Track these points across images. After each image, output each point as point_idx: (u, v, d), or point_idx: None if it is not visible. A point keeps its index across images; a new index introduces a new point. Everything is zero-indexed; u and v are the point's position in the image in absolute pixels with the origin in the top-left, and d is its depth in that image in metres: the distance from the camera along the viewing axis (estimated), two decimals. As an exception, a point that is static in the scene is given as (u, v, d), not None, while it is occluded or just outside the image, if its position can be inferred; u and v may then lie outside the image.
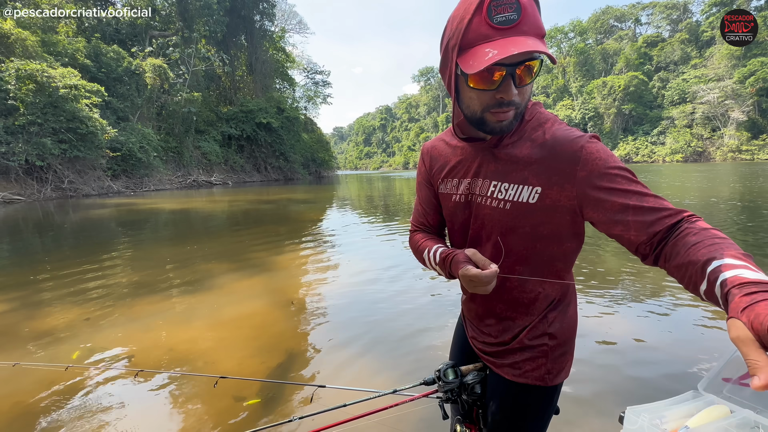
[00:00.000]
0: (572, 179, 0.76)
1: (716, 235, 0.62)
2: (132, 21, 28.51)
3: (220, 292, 3.95)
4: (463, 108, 0.80)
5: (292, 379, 2.31)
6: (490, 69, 0.69)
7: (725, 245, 0.58)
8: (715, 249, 0.57)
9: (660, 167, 40.51)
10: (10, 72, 15.65)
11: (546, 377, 0.89)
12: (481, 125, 0.78)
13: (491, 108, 0.74)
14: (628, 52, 70.31)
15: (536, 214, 0.80)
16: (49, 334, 3.01)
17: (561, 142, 0.77)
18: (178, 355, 2.63)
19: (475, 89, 0.73)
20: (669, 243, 0.67)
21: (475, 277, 0.75)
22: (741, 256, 0.55)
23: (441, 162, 0.97)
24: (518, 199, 0.80)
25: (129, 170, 22.12)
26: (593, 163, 0.74)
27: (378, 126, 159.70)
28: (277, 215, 10.63)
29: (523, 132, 0.82)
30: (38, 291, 4.12)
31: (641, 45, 69.66)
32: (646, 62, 68.16)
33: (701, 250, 0.59)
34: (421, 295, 3.66)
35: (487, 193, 0.85)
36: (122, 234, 8.03)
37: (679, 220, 0.69)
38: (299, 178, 38.96)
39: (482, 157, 0.86)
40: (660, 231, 0.68)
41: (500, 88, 0.71)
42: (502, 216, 0.84)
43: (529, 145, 0.80)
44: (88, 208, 13.20)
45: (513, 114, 0.75)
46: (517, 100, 0.73)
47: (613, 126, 67.43)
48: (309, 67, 51.48)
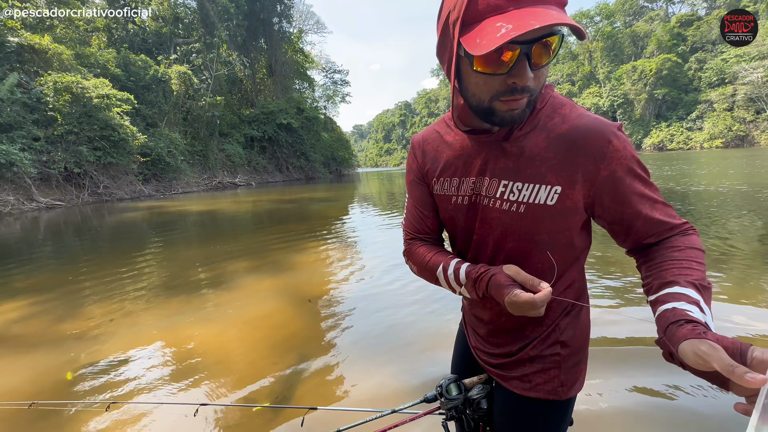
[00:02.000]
0: (594, 178, 0.67)
1: (696, 257, 0.65)
2: (158, 30, 29.67)
3: (242, 293, 4.02)
4: (467, 96, 0.67)
5: (289, 390, 2.25)
6: (499, 49, 0.56)
7: (695, 272, 0.62)
8: (684, 275, 0.62)
9: (698, 154, 38.05)
10: (49, 85, 16.64)
11: (559, 390, 0.80)
12: (489, 116, 0.66)
13: (502, 95, 0.62)
14: (660, 33, 66.32)
15: (555, 218, 0.70)
16: (77, 335, 3.15)
17: (584, 133, 0.66)
18: (194, 352, 2.70)
19: (482, 74, 0.61)
20: (651, 249, 0.72)
21: (528, 303, 0.64)
22: (698, 286, 0.60)
23: (435, 158, 0.85)
24: (535, 201, 0.69)
25: (158, 174, 23.07)
26: (618, 162, 0.65)
27: (397, 122, 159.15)
28: (299, 214, 10.77)
29: (536, 121, 0.70)
30: (75, 291, 4.34)
31: (674, 25, 65.47)
32: (680, 43, 64.04)
33: (672, 269, 0.64)
34: (437, 299, 3.58)
35: (495, 194, 0.74)
36: (154, 235, 8.37)
37: (674, 234, 0.71)
38: (320, 177, 39.40)
39: (488, 152, 0.74)
40: (652, 242, 0.72)
41: (513, 72, 0.59)
42: (514, 221, 0.72)
43: (545, 137, 0.68)
44: (122, 211, 13.87)
45: (526, 101, 0.63)
46: (532, 85, 0.61)
47: (645, 112, 63.97)
48: (327, 67, 51.88)
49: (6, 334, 3.25)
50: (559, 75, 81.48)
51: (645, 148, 62.62)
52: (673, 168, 19.00)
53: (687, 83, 60.99)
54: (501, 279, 0.69)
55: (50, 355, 2.83)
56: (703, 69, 58.82)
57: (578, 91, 75.19)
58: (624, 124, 55.45)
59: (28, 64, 17.82)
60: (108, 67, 22.03)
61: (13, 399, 2.20)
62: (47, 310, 3.79)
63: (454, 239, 0.89)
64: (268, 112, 35.04)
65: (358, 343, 2.78)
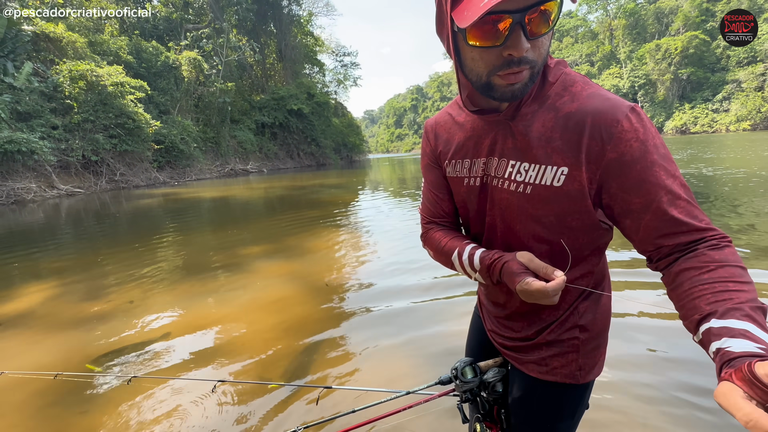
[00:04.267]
0: (599, 160, 0.62)
1: (732, 275, 0.53)
2: (168, 16, 29.59)
3: (257, 276, 4.10)
4: (466, 72, 0.66)
5: (305, 371, 2.29)
6: (491, 20, 0.55)
7: (736, 292, 0.51)
8: (721, 301, 0.51)
9: (723, 137, 36.48)
10: (64, 73, 16.88)
11: (577, 374, 0.78)
12: (489, 91, 0.64)
13: (499, 69, 0.60)
14: (687, 9, 62.81)
15: (562, 200, 0.67)
16: (99, 315, 3.27)
17: (592, 112, 0.62)
18: (211, 334, 2.77)
19: (477, 47, 0.59)
20: (676, 264, 0.59)
21: (540, 292, 0.63)
22: (747, 311, 0.49)
23: (447, 140, 0.83)
24: (541, 182, 0.67)
25: (172, 161, 23.38)
26: (627, 144, 0.60)
27: (409, 107, 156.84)
28: (311, 200, 10.82)
29: (545, 98, 0.67)
30: (96, 274, 4.49)
31: (703, 0, 61.92)
32: (709, 19, 60.61)
33: (706, 296, 0.53)
34: (452, 283, 3.57)
35: (504, 174, 0.72)
36: (170, 221, 8.56)
37: (697, 240, 0.58)
38: (331, 163, 39.36)
39: (497, 132, 0.72)
40: (668, 245, 0.60)
41: (507, 43, 0.57)
42: (522, 202, 0.71)
43: (553, 116, 0.65)
44: (139, 198, 14.18)
45: (528, 74, 0.61)
46: (530, 56, 0.59)
47: (668, 94, 61.32)
48: (337, 50, 51.11)
49: (33, 315, 3.39)
50: (577, 55, 78.44)
51: (667, 131, 60.31)
52: (696, 151, 18.26)
53: (714, 62, 58.00)
54: (513, 266, 0.68)
55: (74, 335, 2.95)
56: (732, 47, 55.70)
57: (597, 72, 72.37)
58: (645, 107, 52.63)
59: (44, 52, 18.07)
60: (120, 54, 22.16)
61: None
62: (71, 292, 3.94)
63: (467, 224, 0.87)
64: (279, 98, 34.90)
65: (372, 326, 2.80)
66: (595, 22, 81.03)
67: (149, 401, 2.06)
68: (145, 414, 1.97)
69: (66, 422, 1.96)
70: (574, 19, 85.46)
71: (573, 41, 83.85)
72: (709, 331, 0.50)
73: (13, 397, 2.18)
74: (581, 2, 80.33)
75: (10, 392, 2.22)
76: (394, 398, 0.93)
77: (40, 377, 2.13)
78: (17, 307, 3.59)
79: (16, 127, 15.11)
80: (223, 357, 2.47)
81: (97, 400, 2.12)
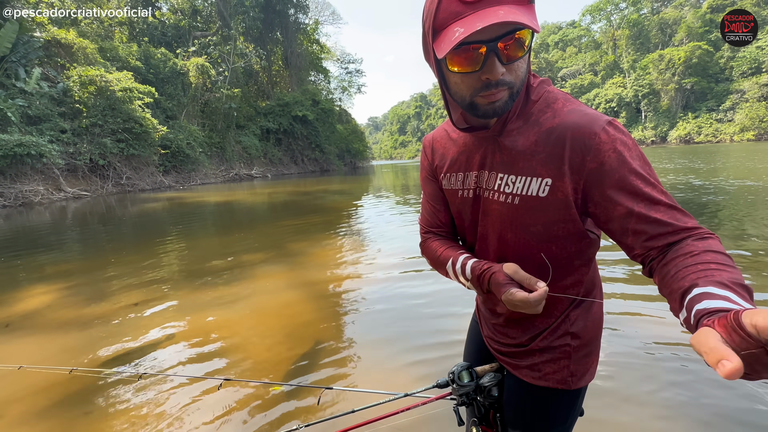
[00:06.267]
0: (581, 170, 0.67)
1: (715, 259, 0.55)
2: (176, 23, 30.11)
3: (260, 281, 4.14)
4: (452, 95, 0.72)
5: (306, 374, 2.33)
6: (469, 48, 0.61)
7: (718, 271, 0.52)
8: (703, 275, 0.52)
9: (727, 147, 36.37)
10: (74, 78, 17.19)
11: (569, 380, 0.82)
12: (474, 110, 0.70)
13: (480, 91, 0.66)
14: (690, 20, 63.13)
15: (548, 210, 0.72)
16: (105, 317, 3.32)
17: (572, 126, 0.67)
18: (214, 336, 2.81)
19: (458, 73, 0.66)
20: (664, 259, 0.61)
21: (522, 302, 0.67)
22: (728, 284, 0.49)
23: (443, 154, 0.90)
24: (527, 193, 0.72)
25: (178, 166, 23.61)
26: (606, 154, 0.65)
27: (413, 114, 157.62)
28: (314, 206, 10.89)
29: (528, 115, 0.73)
30: (102, 277, 4.55)
31: (706, 11, 62.13)
32: (713, 30, 60.82)
33: (690, 275, 0.54)
34: (451, 290, 3.60)
35: (494, 186, 0.77)
36: (174, 225, 8.64)
37: (684, 238, 0.61)
38: (335, 169, 39.56)
39: (486, 147, 0.78)
40: (656, 247, 0.62)
41: (484, 69, 0.63)
42: (511, 212, 0.76)
43: (537, 131, 0.71)
44: (144, 201, 14.32)
45: (507, 94, 0.67)
46: (507, 78, 0.65)
47: (672, 103, 61.33)
48: (342, 57, 51.68)
49: (40, 316, 3.45)
50: (581, 64, 78.79)
51: (671, 141, 60.19)
52: (701, 161, 18.21)
53: (718, 72, 58.03)
54: (500, 277, 0.72)
55: (80, 335, 3.00)
56: (736, 57, 55.80)
57: (601, 81, 72.58)
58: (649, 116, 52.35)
59: (55, 58, 18.42)
60: (129, 60, 22.55)
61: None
62: (77, 293, 3.99)
63: (463, 234, 0.92)
64: (284, 104, 35.24)
65: (372, 331, 2.84)
66: (598, 32, 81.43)
67: (155, 399, 2.12)
68: (151, 411, 2.02)
69: (71, 421, 2.00)
70: (578, 29, 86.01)
71: (576, 51, 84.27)
72: (692, 300, 0.49)
73: (20, 394, 2.23)
74: (585, 12, 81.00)
75: (18, 390, 2.27)
76: (393, 400, 0.97)
77: (54, 371, 2.21)
78: (24, 308, 3.65)
79: (25, 130, 15.37)
80: (227, 358, 2.52)
81: (109, 394, 2.18)
